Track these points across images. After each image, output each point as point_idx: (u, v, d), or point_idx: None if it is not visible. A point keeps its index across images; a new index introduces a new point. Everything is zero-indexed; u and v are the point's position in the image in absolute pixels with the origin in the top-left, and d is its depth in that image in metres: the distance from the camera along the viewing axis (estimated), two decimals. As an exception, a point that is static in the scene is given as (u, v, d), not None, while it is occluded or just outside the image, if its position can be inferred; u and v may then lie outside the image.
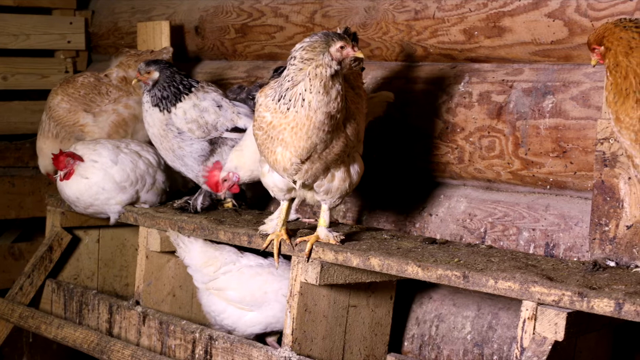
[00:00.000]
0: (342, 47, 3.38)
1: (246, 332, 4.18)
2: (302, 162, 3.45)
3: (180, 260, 4.39)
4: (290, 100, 3.37)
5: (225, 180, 4.17)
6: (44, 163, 5.11)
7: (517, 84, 3.96)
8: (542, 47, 3.86)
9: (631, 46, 2.95)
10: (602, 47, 3.04)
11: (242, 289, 4.18)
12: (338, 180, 3.60)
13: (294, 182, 3.55)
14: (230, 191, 4.23)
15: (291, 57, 3.41)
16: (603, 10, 3.62)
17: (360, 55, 3.42)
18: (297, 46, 3.42)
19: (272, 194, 3.76)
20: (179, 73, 4.42)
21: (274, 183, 3.67)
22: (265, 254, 4.03)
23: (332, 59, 3.36)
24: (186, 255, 4.29)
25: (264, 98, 3.50)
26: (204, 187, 4.46)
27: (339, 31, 3.71)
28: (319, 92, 3.34)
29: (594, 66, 3.16)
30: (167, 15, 5.67)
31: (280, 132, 3.41)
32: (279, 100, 3.41)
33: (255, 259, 4.24)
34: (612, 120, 3.03)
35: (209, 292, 4.26)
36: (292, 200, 3.79)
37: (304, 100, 3.35)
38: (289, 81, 3.39)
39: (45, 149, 5.06)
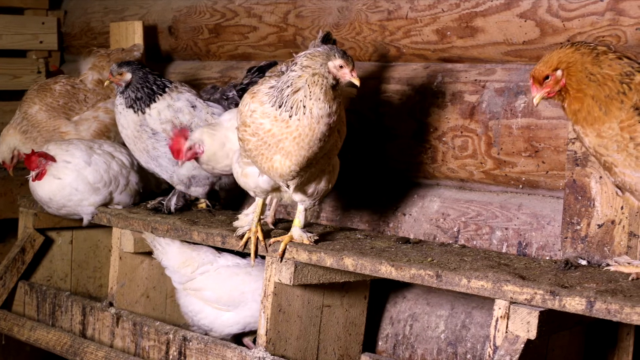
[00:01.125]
0: (340, 67, 3.35)
1: (223, 333, 4.18)
2: (301, 170, 3.46)
3: (155, 261, 4.39)
4: (292, 108, 3.35)
5: (190, 148, 4.05)
6: (1, 149, 5.05)
7: (489, 83, 3.98)
8: (514, 47, 3.88)
9: (599, 59, 2.94)
10: (560, 70, 2.97)
11: (219, 289, 4.18)
12: (324, 182, 3.61)
13: (287, 186, 3.55)
14: (188, 159, 4.11)
15: (293, 64, 3.40)
16: (574, 10, 3.65)
17: (356, 82, 3.39)
18: (300, 54, 3.41)
19: (252, 194, 3.76)
20: (152, 73, 4.40)
21: (256, 184, 3.66)
22: (243, 253, 4.02)
23: (329, 73, 3.35)
24: (163, 256, 4.29)
25: (259, 105, 3.43)
26: (178, 188, 4.45)
27: (320, 34, 3.72)
28: (319, 99, 3.32)
29: (537, 105, 3.07)
30: (140, 15, 5.65)
31: (280, 140, 3.38)
32: (279, 107, 3.38)
33: (232, 258, 4.24)
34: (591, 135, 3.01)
35: (186, 292, 4.25)
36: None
37: (304, 107, 3.33)
38: (288, 86, 3.36)
39: (9, 138, 4.99)
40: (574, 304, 2.91)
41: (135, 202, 4.71)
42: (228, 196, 4.71)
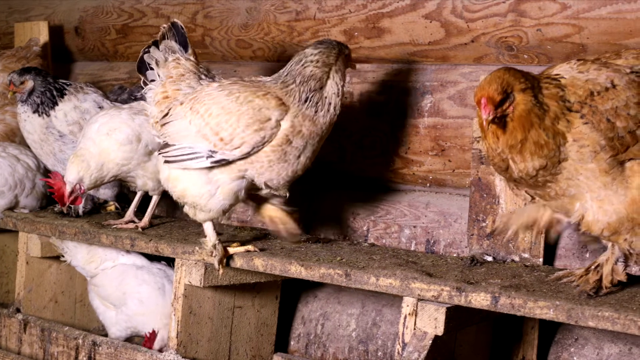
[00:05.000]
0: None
1: (110, 331, 4.22)
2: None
3: (63, 265, 4.36)
4: (317, 104, 3.37)
5: (72, 192, 3.93)
6: None
7: (396, 84, 4.02)
8: (420, 47, 3.94)
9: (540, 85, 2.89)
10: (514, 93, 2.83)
11: (108, 286, 4.21)
12: None
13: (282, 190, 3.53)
14: (76, 204, 4.05)
15: (306, 60, 3.38)
16: (477, 12, 3.72)
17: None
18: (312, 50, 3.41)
19: (217, 209, 3.48)
20: (50, 75, 4.39)
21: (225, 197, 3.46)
22: (160, 258, 4.02)
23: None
24: (72, 258, 4.29)
25: (298, 106, 3.33)
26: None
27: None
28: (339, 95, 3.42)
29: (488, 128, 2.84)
30: (46, 15, 5.54)
31: (313, 138, 3.39)
32: (305, 102, 3.35)
33: (136, 258, 4.22)
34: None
35: (90, 288, 4.30)
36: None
37: (330, 104, 3.38)
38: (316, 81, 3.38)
39: None
40: (480, 300, 2.96)
41: (43, 206, 4.62)
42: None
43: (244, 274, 3.71)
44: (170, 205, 4.79)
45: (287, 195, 3.51)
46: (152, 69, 3.60)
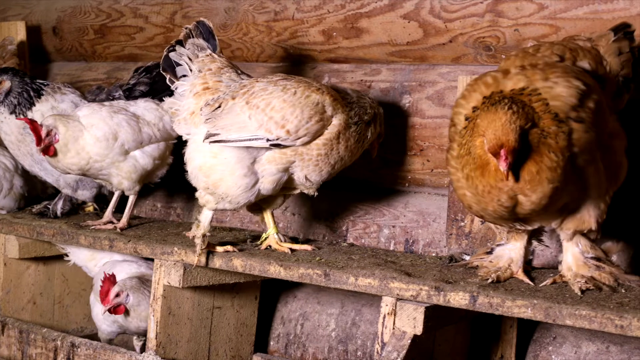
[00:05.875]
0: None
1: (101, 329, 4.19)
2: None
3: (41, 266, 4.35)
4: (358, 124, 3.60)
5: (47, 134, 3.93)
6: None
7: (375, 84, 4.03)
8: (399, 47, 3.94)
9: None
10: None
11: (96, 282, 4.18)
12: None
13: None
14: (46, 147, 3.98)
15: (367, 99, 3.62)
16: (455, 12, 3.73)
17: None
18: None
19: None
20: (27, 76, 4.36)
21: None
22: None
23: None
24: (76, 258, 4.32)
25: (347, 112, 3.55)
26: (65, 191, 4.38)
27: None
28: None
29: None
30: (24, 15, 5.51)
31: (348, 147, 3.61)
32: (352, 115, 3.59)
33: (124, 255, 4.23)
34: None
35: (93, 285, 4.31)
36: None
37: (365, 137, 3.65)
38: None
39: None
40: (458, 299, 2.97)
41: (21, 207, 4.60)
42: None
43: (223, 274, 3.70)
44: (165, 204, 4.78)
45: (316, 194, 3.66)
46: (179, 65, 3.60)
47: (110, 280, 3.93)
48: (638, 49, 3.20)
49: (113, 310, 3.91)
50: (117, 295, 3.91)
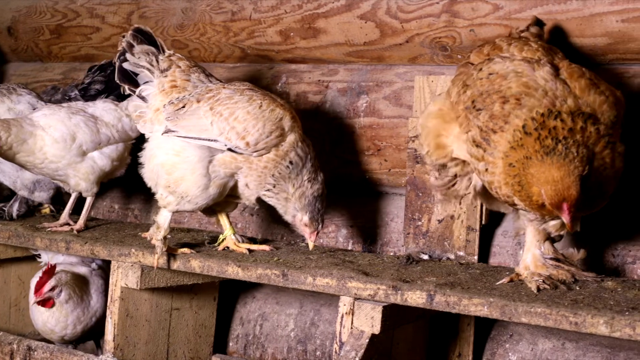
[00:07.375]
0: (305, 224, 3.59)
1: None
2: None
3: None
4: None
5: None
6: None
7: (332, 84, 4.04)
8: (356, 48, 3.96)
9: None
10: None
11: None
12: None
13: None
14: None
15: None
16: (412, 12, 3.75)
17: (310, 246, 3.65)
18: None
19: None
20: None
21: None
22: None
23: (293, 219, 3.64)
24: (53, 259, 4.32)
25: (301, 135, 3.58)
26: (21, 193, 4.34)
27: None
28: None
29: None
30: (-22, 15, 5.46)
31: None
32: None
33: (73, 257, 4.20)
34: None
35: None
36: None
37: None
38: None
39: None
40: (415, 298, 2.99)
41: (-24, 210, 4.55)
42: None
43: (182, 276, 3.69)
44: (123, 204, 4.76)
45: (257, 206, 3.67)
46: (137, 74, 3.57)
47: (48, 272, 3.97)
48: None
49: (42, 302, 3.95)
50: (52, 289, 3.94)
